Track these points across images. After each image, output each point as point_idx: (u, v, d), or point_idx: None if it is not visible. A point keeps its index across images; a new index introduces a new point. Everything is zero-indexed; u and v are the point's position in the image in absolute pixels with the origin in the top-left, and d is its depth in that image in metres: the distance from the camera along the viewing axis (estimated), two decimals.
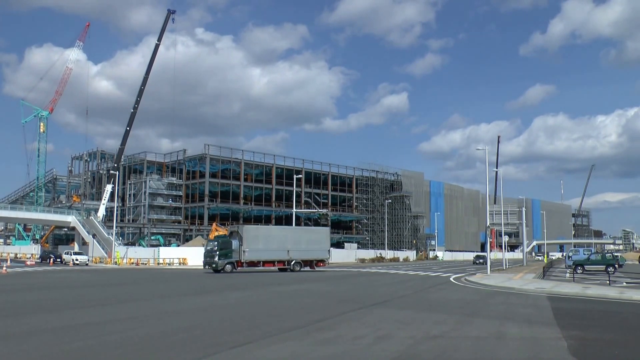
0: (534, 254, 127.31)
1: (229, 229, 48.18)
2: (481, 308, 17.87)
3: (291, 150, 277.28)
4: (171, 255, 61.27)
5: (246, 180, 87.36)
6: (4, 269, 40.00)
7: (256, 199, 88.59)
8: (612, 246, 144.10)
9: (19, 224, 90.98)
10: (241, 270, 41.74)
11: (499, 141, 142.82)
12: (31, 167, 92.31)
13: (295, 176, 74.07)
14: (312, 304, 18.55)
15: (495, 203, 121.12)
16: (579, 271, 39.88)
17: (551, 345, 10.99)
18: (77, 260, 54.76)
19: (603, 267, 39.92)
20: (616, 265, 42.27)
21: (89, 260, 57.26)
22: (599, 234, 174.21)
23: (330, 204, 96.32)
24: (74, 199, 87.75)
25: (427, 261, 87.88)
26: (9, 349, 10.06)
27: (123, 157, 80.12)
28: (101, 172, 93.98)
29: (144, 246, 70.33)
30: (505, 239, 68.37)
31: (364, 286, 28.40)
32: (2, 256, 68.16)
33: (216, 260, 40.33)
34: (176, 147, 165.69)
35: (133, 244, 72.89)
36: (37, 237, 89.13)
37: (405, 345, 10.75)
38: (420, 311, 16.63)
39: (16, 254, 73.28)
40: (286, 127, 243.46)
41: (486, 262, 41.40)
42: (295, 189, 73.97)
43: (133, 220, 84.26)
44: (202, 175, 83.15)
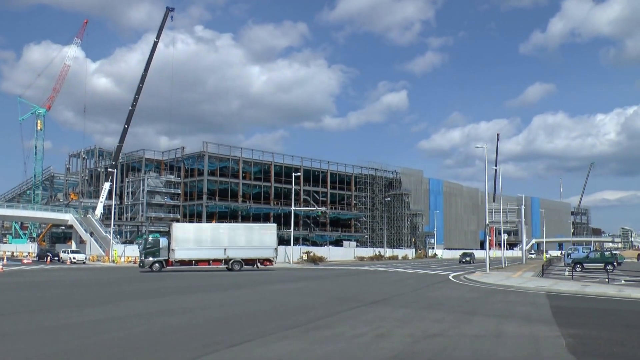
0: (533, 251, 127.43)
1: (167, 227, 47.17)
2: (480, 306, 17.85)
3: (290, 148, 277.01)
4: None
5: (245, 178, 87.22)
6: (0, 267, 39.88)
7: (255, 196, 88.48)
8: (611, 244, 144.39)
9: (15, 222, 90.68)
10: (171, 270, 40.07)
11: (499, 139, 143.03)
12: (28, 165, 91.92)
13: (294, 174, 73.88)
14: (312, 303, 18.50)
15: (494, 201, 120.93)
16: (577, 269, 39.96)
17: (550, 343, 10.97)
18: (74, 258, 54.53)
19: (602, 265, 40.01)
20: (615, 263, 42.29)
21: (86, 259, 57.02)
22: (598, 232, 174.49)
23: (329, 201, 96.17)
24: (71, 196, 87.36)
25: (426, 259, 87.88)
26: (5, 347, 9.99)
27: (121, 154, 79.86)
28: (99, 169, 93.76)
29: None
30: (505, 237, 68.29)
31: (362, 284, 28.36)
32: None
33: (142, 259, 39.69)
34: (175, 145, 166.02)
35: (131, 242, 72.70)
36: (34, 235, 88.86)
37: (404, 343, 10.71)
38: (419, 309, 16.59)
39: (13, 253, 72.86)
40: (285, 125, 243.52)
41: (473, 261, 41.17)
42: (294, 186, 73.88)
43: (131, 218, 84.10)
44: (201, 173, 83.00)
